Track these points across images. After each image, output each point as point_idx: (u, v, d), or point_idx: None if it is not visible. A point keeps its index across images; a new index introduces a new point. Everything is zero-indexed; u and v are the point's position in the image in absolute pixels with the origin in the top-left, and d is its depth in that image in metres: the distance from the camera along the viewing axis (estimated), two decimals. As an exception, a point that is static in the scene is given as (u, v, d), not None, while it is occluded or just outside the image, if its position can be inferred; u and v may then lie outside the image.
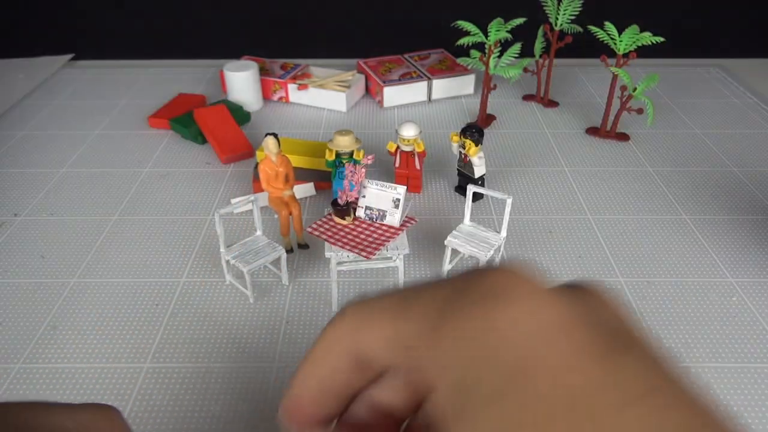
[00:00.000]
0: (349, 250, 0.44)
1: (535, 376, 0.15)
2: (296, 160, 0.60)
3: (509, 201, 0.46)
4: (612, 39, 0.67)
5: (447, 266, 0.49)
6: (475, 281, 0.17)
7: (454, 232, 0.49)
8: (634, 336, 0.16)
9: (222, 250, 0.48)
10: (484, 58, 0.72)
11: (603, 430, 0.13)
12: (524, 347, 0.15)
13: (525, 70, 0.79)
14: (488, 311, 0.16)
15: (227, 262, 0.48)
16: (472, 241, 0.47)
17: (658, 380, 0.15)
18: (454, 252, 0.49)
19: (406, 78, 0.82)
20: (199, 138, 0.72)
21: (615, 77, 0.69)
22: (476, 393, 0.15)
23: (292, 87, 0.81)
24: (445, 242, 0.48)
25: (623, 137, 0.73)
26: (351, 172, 0.45)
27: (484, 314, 0.16)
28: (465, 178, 0.60)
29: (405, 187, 0.46)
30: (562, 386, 0.14)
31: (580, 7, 0.74)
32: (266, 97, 0.83)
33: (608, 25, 0.68)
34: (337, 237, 0.45)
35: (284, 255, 0.48)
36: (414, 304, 0.18)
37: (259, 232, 0.49)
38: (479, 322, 0.16)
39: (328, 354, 0.19)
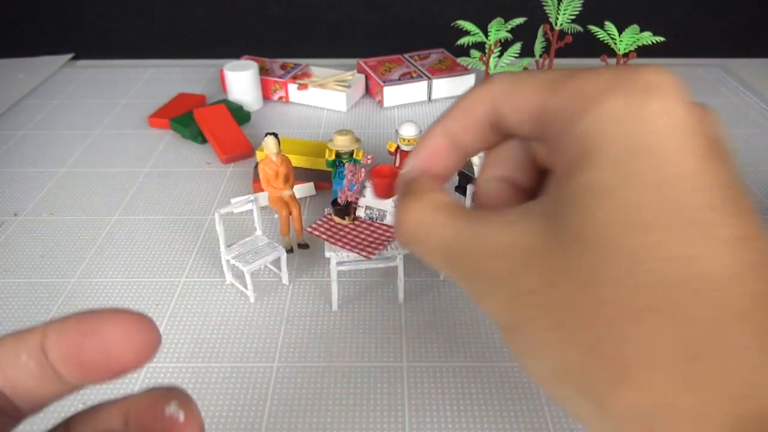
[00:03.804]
0: (349, 250, 0.44)
1: (651, 157, 0.19)
2: (296, 160, 0.60)
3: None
4: (612, 39, 0.67)
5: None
6: (638, 74, 0.19)
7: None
8: (727, 152, 0.20)
9: (222, 249, 0.48)
10: (484, 58, 0.72)
11: (680, 195, 0.18)
12: (658, 134, 0.19)
13: (525, 69, 0.79)
14: (641, 102, 0.19)
15: (227, 261, 0.48)
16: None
17: (734, 181, 0.19)
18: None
19: (406, 78, 0.82)
20: (199, 138, 0.72)
21: (615, 77, 0.69)
22: (601, 156, 0.19)
23: (292, 87, 0.81)
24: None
25: (623, 137, 0.73)
26: (351, 171, 0.45)
27: (640, 102, 0.19)
28: (465, 177, 0.60)
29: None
30: (668, 169, 0.18)
31: (580, 6, 0.74)
32: (266, 97, 0.83)
33: (608, 24, 0.68)
34: (337, 237, 0.45)
35: (284, 255, 0.48)
36: (567, 84, 0.20)
37: (259, 232, 0.49)
38: (630, 108, 0.19)
39: (474, 105, 0.23)
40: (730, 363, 0.16)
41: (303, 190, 0.61)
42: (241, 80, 0.78)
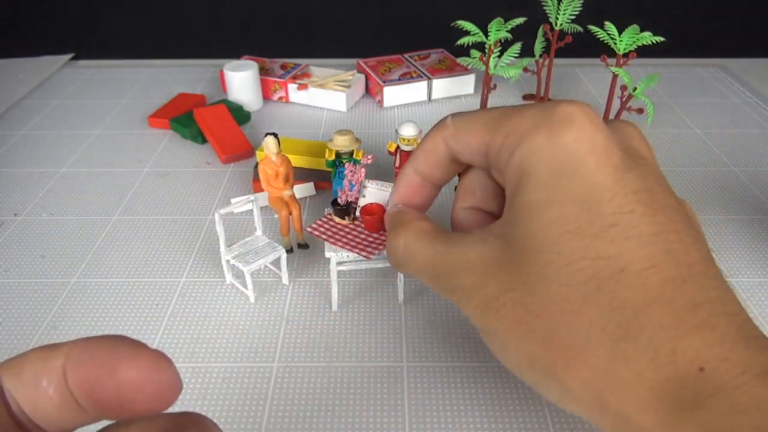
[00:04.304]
0: (349, 250, 0.44)
1: (574, 177, 0.22)
2: (296, 160, 0.60)
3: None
4: (612, 39, 0.67)
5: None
6: (555, 110, 0.24)
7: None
8: (646, 159, 0.24)
9: (222, 250, 0.47)
10: (484, 58, 0.72)
11: (601, 204, 0.22)
12: (576, 157, 0.22)
13: (525, 69, 0.79)
14: (560, 133, 0.23)
15: (227, 261, 0.48)
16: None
17: (652, 185, 0.23)
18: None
19: (406, 78, 0.82)
20: (199, 138, 0.72)
21: (615, 77, 0.69)
22: (534, 180, 0.23)
23: (292, 87, 0.81)
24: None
25: (623, 137, 0.73)
26: (351, 171, 0.45)
27: (559, 133, 0.23)
28: (465, 178, 0.60)
29: (405, 187, 0.46)
30: (588, 184, 0.22)
31: (580, 6, 0.74)
32: (266, 97, 0.83)
33: (608, 25, 0.68)
34: (336, 237, 0.45)
35: (284, 255, 0.48)
36: (502, 125, 0.25)
37: (259, 232, 0.49)
38: (551, 139, 0.23)
39: (434, 147, 0.28)
40: (654, 338, 0.20)
41: (303, 190, 0.61)
42: (241, 80, 0.78)
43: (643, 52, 0.68)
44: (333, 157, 0.56)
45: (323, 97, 0.80)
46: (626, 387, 0.20)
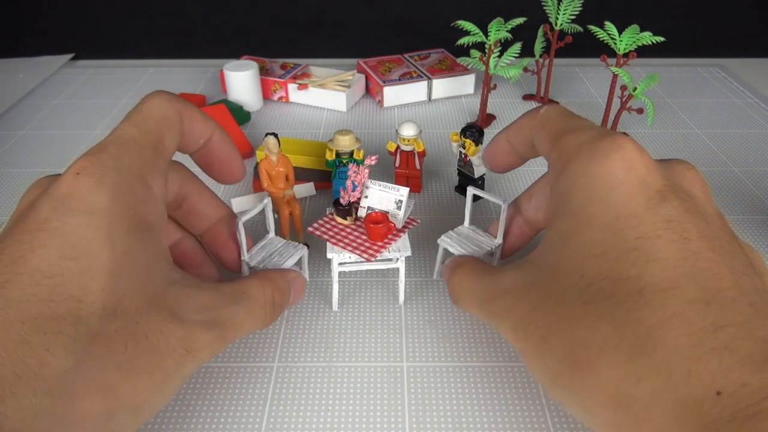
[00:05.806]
0: (351, 251, 0.44)
1: (601, 203, 0.24)
2: (296, 160, 0.60)
3: (505, 207, 0.45)
4: (612, 39, 0.67)
5: (438, 265, 0.49)
6: (603, 139, 0.26)
7: (449, 232, 0.48)
8: (694, 198, 0.25)
9: (244, 257, 0.45)
10: (484, 58, 0.72)
11: (626, 230, 0.23)
12: (608, 185, 0.24)
13: (525, 69, 0.79)
14: (600, 162, 0.25)
15: (247, 264, 0.46)
16: (465, 243, 0.47)
17: (691, 218, 0.23)
18: (448, 252, 0.49)
19: (406, 78, 0.82)
20: (199, 138, 0.72)
21: (615, 77, 0.69)
22: (567, 209, 0.26)
23: (292, 87, 0.81)
24: (438, 241, 0.47)
25: (623, 137, 0.73)
26: (354, 172, 0.45)
27: (596, 161, 0.25)
28: (465, 177, 0.60)
29: (408, 189, 0.45)
30: (616, 211, 0.23)
31: (580, 6, 0.74)
32: (266, 97, 0.83)
33: (608, 24, 0.68)
34: (338, 237, 0.45)
35: (306, 252, 0.47)
36: (559, 143, 0.28)
37: (271, 234, 0.48)
38: (591, 166, 0.25)
39: (521, 129, 0.33)
40: (669, 358, 0.20)
41: (303, 190, 0.61)
42: (241, 80, 0.78)
43: (643, 52, 0.68)
44: (333, 156, 0.56)
45: (323, 97, 0.80)
46: (639, 407, 0.20)
